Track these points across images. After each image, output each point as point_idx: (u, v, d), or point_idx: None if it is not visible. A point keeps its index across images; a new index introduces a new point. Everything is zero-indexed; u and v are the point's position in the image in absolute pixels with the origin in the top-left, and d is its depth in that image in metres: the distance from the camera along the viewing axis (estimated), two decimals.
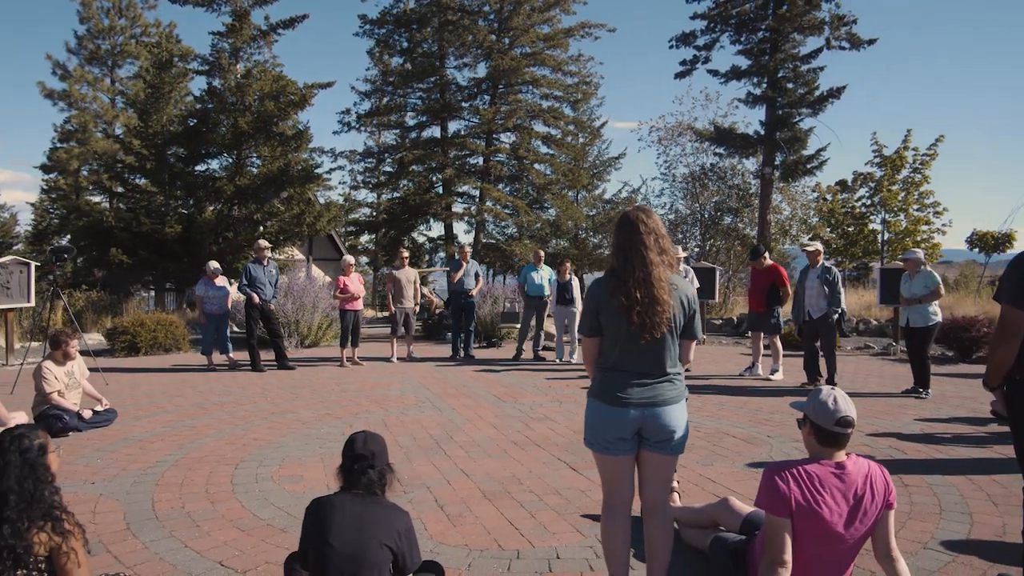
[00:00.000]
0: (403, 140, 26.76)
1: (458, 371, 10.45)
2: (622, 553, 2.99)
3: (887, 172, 24.67)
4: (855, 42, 17.80)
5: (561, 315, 11.58)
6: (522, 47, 24.21)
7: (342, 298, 10.81)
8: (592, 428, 3.01)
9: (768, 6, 18.75)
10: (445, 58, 25.55)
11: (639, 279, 2.87)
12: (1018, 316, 3.05)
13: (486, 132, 24.39)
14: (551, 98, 25.04)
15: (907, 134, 24.40)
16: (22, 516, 2.47)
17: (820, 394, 2.96)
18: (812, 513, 2.79)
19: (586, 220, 26.84)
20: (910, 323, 8.34)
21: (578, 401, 7.95)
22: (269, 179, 16.76)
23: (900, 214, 25.36)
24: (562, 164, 25.15)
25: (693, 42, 19.57)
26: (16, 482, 2.50)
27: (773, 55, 18.59)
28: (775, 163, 18.89)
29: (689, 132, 22.13)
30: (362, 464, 2.74)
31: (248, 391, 8.55)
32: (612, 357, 2.97)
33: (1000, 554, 3.65)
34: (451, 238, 26.11)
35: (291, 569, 2.93)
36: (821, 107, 18.39)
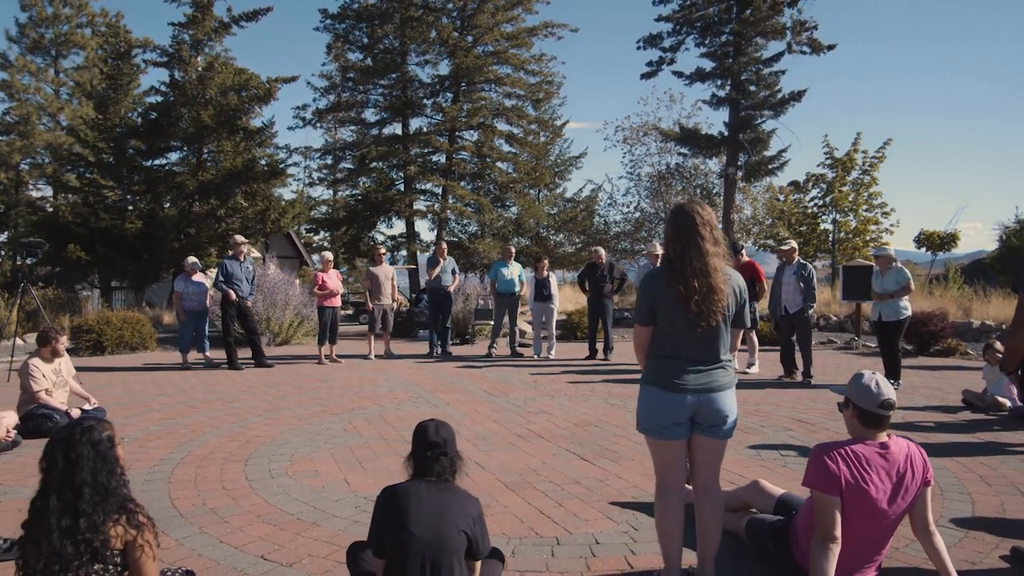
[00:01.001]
0: (364, 137, 26.48)
1: (439, 367, 10.46)
2: (677, 534, 3.09)
3: (838, 174, 25.59)
4: (815, 47, 18.44)
5: (539, 311, 11.69)
6: (485, 45, 24.25)
7: (320, 295, 10.70)
8: (648, 413, 3.09)
9: (732, 10, 19.24)
10: (407, 54, 25.41)
11: (696, 269, 2.96)
12: None
13: (449, 130, 24.34)
14: (514, 97, 25.16)
15: (856, 137, 25.33)
16: (98, 509, 2.42)
17: (862, 379, 3.12)
18: (860, 491, 2.94)
19: (547, 218, 27.03)
20: (882, 317, 8.70)
21: (568, 395, 8.06)
22: (233, 174, 16.39)
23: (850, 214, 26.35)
24: (525, 163, 25.30)
25: (659, 44, 19.95)
26: (90, 474, 2.45)
27: (737, 58, 19.09)
28: (738, 164, 19.41)
29: (654, 132, 22.52)
30: (435, 451, 2.76)
31: (232, 389, 8.39)
32: (668, 345, 3.06)
33: (1007, 529, 3.87)
34: (413, 236, 25.99)
35: (357, 558, 2.95)
36: (782, 109, 18.98)
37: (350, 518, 4.03)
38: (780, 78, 19.22)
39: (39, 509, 2.43)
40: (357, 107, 25.90)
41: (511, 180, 25.42)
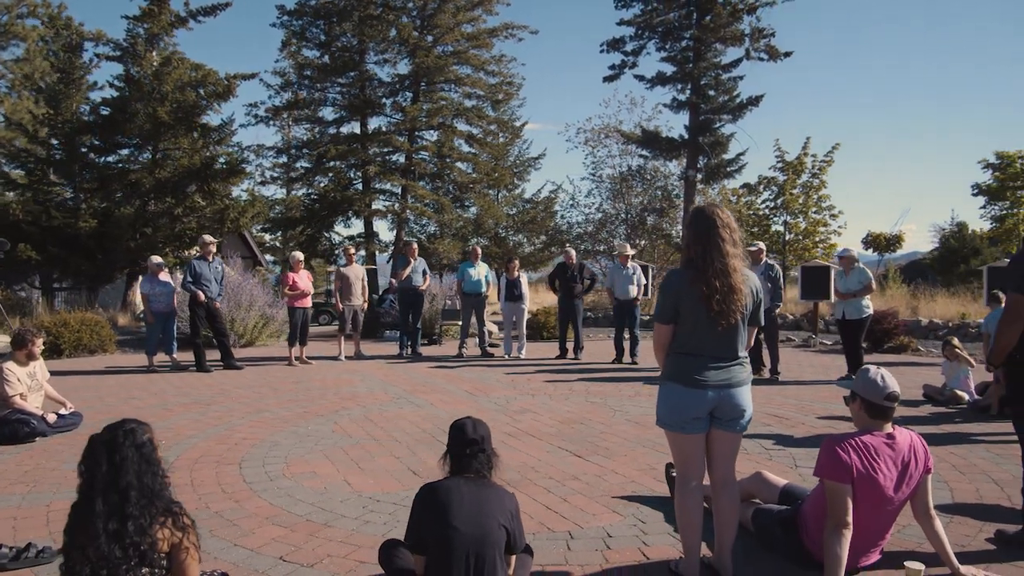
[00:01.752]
0: (321, 135, 26.10)
1: (412, 368, 10.44)
2: (697, 525, 3.20)
3: (789, 177, 26.37)
4: (773, 54, 18.98)
5: (509, 311, 11.77)
6: (445, 45, 24.19)
7: (291, 295, 10.57)
8: (670, 409, 3.20)
9: (692, 16, 19.66)
10: (365, 53, 25.12)
11: (718, 270, 3.09)
12: (1021, 302, 3.49)
13: (409, 129, 24.20)
14: (474, 97, 25.15)
15: (806, 142, 26.13)
16: (144, 512, 2.41)
17: (869, 373, 3.30)
18: (870, 479, 3.11)
19: (507, 219, 27.14)
20: (846, 316, 9.05)
21: (548, 394, 8.16)
22: (192, 172, 15.99)
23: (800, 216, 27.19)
24: (485, 163, 25.34)
25: (622, 48, 20.24)
26: (135, 477, 2.43)
27: (697, 63, 19.52)
28: (698, 166, 19.85)
29: (616, 135, 22.84)
30: (474, 448, 2.83)
31: (206, 392, 8.23)
32: (689, 342, 3.17)
33: (987, 514, 4.12)
34: (372, 235, 25.74)
35: (392, 556, 2.97)
36: (741, 114, 19.49)
37: (360, 518, 4.04)
38: (739, 83, 19.78)
39: (83, 514, 2.40)
40: (315, 105, 25.50)
41: (471, 180, 25.43)
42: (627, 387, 8.67)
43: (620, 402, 7.64)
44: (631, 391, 8.38)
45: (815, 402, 7.68)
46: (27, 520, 4.00)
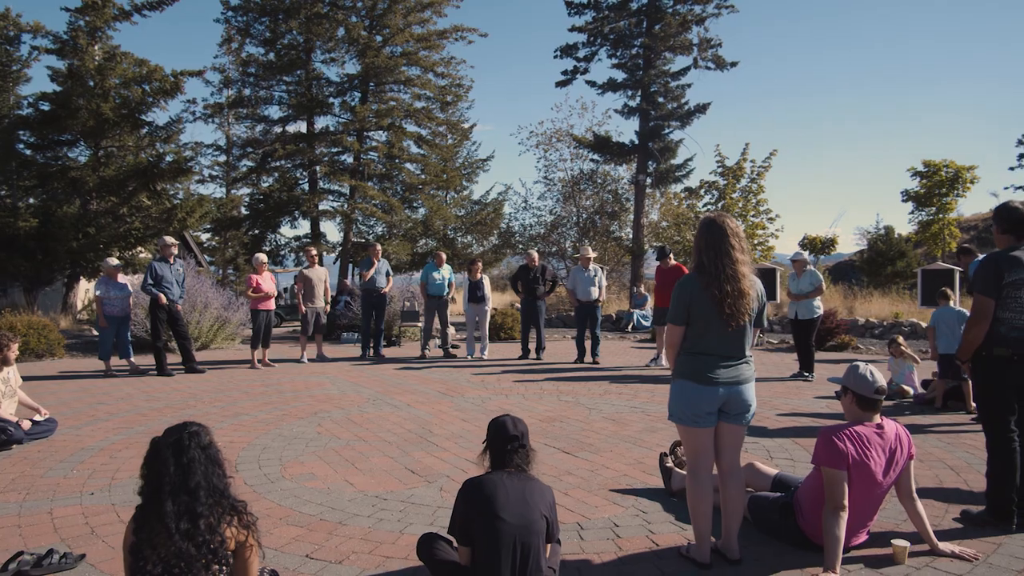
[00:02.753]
0: (266, 134, 25.64)
1: (378, 370, 10.47)
2: (708, 512, 3.44)
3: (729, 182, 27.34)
4: (720, 63, 19.68)
5: (472, 312, 11.91)
6: (394, 46, 24.11)
7: (255, 297, 10.46)
8: (683, 404, 3.43)
9: (642, 24, 20.19)
10: (312, 51, 24.82)
11: (728, 275, 3.34)
12: (987, 303, 3.88)
13: (358, 129, 24.02)
14: (423, 98, 25.13)
15: (745, 148, 27.12)
16: (213, 511, 2.48)
17: (858, 369, 3.61)
18: (863, 465, 3.42)
19: (455, 220, 27.22)
20: (798, 316, 9.57)
21: (521, 394, 8.36)
22: (138, 171, 15.48)
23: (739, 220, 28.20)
24: (434, 165, 25.36)
25: (574, 54, 20.61)
26: (203, 477, 2.50)
27: (647, 71, 20.05)
28: (648, 171, 20.38)
29: (568, 138, 23.19)
30: (514, 444, 2.99)
31: (176, 396, 8.10)
32: (701, 343, 3.42)
33: (950, 497, 4.51)
34: (319, 236, 25.42)
35: (433, 549, 3.12)
36: (689, 121, 20.12)
37: (373, 516, 4.14)
38: (687, 91, 20.41)
39: (151, 514, 2.45)
40: (259, 103, 25.03)
41: (421, 181, 25.40)
42: (595, 386, 8.94)
43: (592, 401, 7.90)
44: (600, 390, 8.65)
45: (774, 398, 8.11)
46: (32, 528, 3.95)
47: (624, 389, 8.72)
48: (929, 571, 3.39)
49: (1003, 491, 3.90)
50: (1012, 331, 3.88)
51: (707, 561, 3.43)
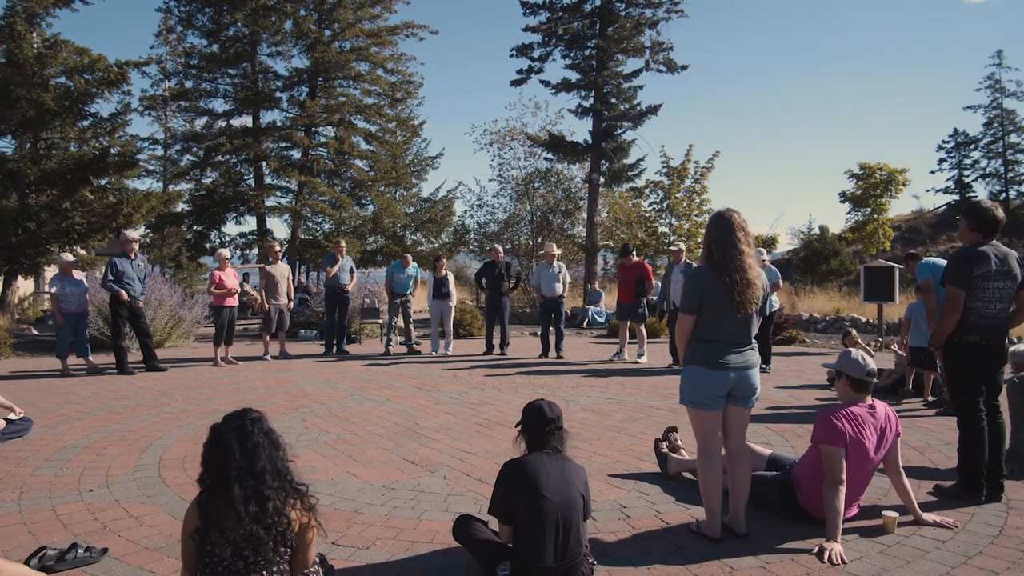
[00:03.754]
0: (209, 128, 24.98)
1: (345, 366, 10.43)
2: (719, 490, 3.66)
3: (674, 182, 28.06)
4: (671, 66, 20.20)
5: (437, 308, 11.96)
6: (343, 41, 23.85)
7: (217, 294, 10.27)
8: (696, 388, 3.64)
9: (596, 26, 20.54)
10: (259, 44, 24.31)
11: (736, 266, 3.56)
12: (959, 293, 4.22)
13: (306, 125, 23.66)
14: (373, 94, 24.94)
15: (688, 149, 27.92)
16: (279, 494, 2.54)
17: (851, 355, 3.90)
18: (858, 443, 3.70)
19: (405, 217, 27.12)
20: None
21: (496, 388, 8.49)
22: (83, 164, 14.89)
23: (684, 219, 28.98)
24: (384, 161, 25.20)
25: (529, 54, 20.81)
26: (268, 462, 2.56)
27: (600, 72, 20.41)
28: (601, 170, 20.76)
29: (522, 137, 23.40)
30: (551, 427, 3.14)
31: (145, 394, 7.92)
32: (712, 331, 3.63)
33: (919, 474, 4.87)
34: (265, 233, 24.95)
35: (470, 529, 3.24)
36: (641, 121, 20.59)
37: (386, 505, 4.22)
38: (639, 93, 20.88)
39: (218, 499, 2.49)
40: (204, 96, 24.36)
41: (370, 178, 25.20)
42: (567, 379, 9.15)
43: (568, 393, 8.10)
44: (572, 383, 8.86)
45: None
46: (40, 525, 3.88)
47: (596, 382, 8.95)
48: (917, 539, 3.70)
49: (973, 466, 4.26)
50: (980, 319, 4.24)
51: (718, 536, 3.65)
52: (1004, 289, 4.24)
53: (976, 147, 50.63)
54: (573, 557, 2.94)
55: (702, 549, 3.56)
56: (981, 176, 50.81)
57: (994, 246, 4.28)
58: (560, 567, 2.90)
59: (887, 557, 3.47)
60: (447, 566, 3.37)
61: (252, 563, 2.47)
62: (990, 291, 4.22)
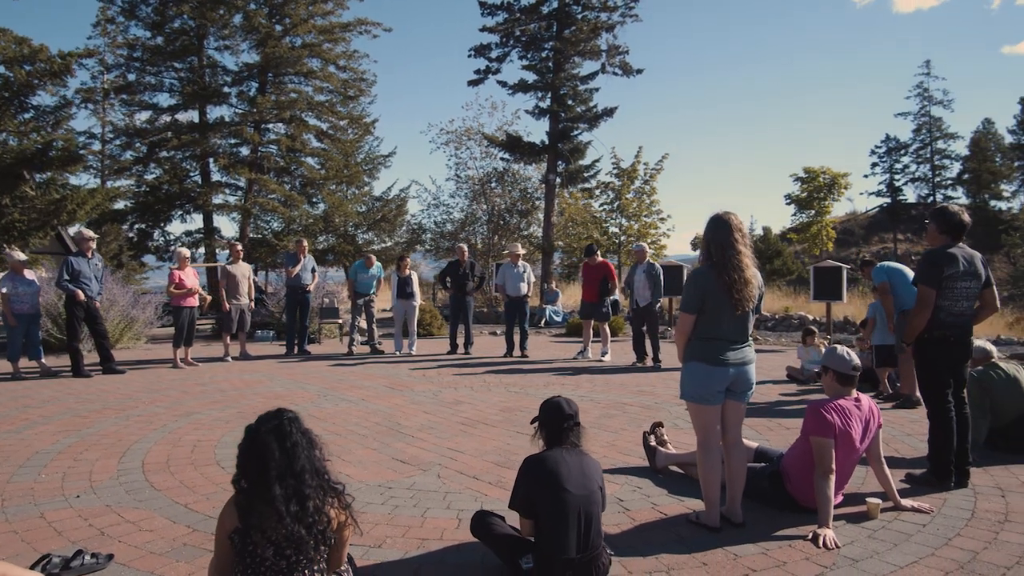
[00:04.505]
0: (153, 123, 24.21)
1: (311, 367, 10.30)
2: (718, 482, 3.82)
3: (624, 183, 28.54)
4: (626, 70, 20.53)
5: (401, 308, 11.92)
6: (295, 37, 23.44)
7: (177, 294, 10.01)
8: (697, 384, 3.78)
9: (553, 27, 20.73)
10: (206, 37, 23.68)
11: (735, 265, 3.72)
12: (930, 293, 4.49)
13: (256, 121, 23.17)
14: (325, 91, 24.59)
15: (638, 151, 28.37)
16: (318, 493, 2.56)
17: (836, 351, 4.11)
18: (846, 434, 3.91)
19: (356, 216, 26.81)
20: None
21: (468, 387, 8.54)
22: (23, 158, 14.24)
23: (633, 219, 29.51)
24: (336, 159, 24.87)
25: (487, 54, 20.84)
26: (307, 460, 2.58)
27: (557, 73, 20.61)
28: (558, 171, 20.95)
29: (479, 137, 23.41)
30: (570, 423, 3.23)
31: (108, 397, 7.67)
32: (713, 329, 3.78)
33: (888, 463, 5.14)
34: (212, 231, 24.34)
35: (488, 524, 3.31)
36: (597, 123, 20.87)
37: (388, 504, 4.24)
38: (594, 95, 21.15)
39: (257, 499, 2.49)
40: (148, 90, 23.58)
41: (321, 176, 24.83)
42: (536, 378, 9.26)
43: (540, 391, 8.20)
44: (542, 382, 8.97)
45: None
46: (32, 532, 3.76)
47: (565, 380, 9.09)
48: (899, 523, 3.93)
49: (943, 454, 4.54)
50: (949, 317, 4.52)
51: (717, 525, 3.81)
52: (970, 288, 4.53)
53: (906, 152, 53.05)
54: (593, 548, 3.03)
55: (704, 538, 3.71)
56: (911, 180, 53.31)
57: (961, 248, 4.57)
58: (582, 559, 2.99)
59: (875, 541, 3.68)
60: (462, 562, 3.42)
61: (294, 562, 2.48)
62: (958, 290, 4.50)
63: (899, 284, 7.28)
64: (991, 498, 4.36)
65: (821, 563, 3.39)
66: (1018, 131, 51.73)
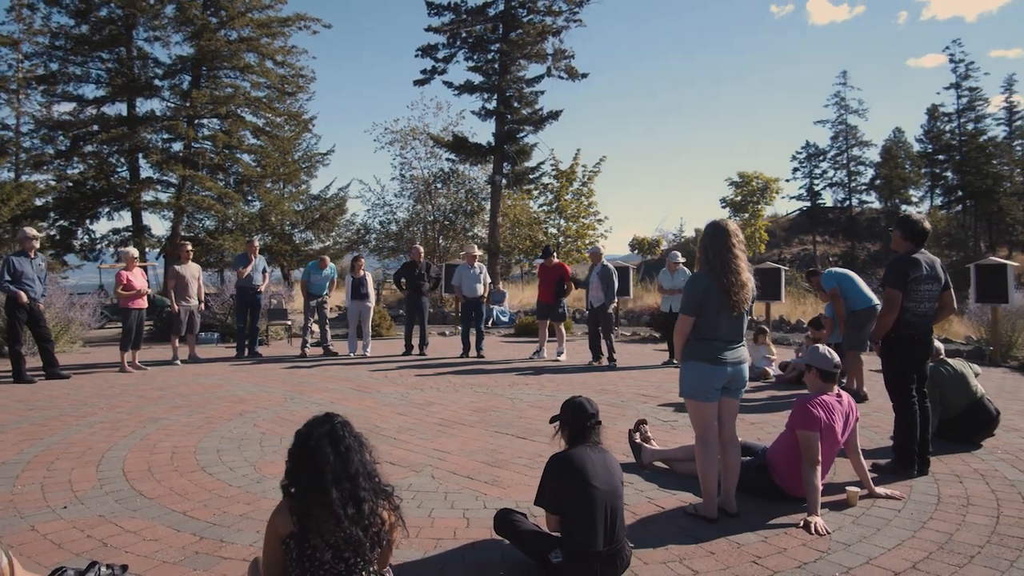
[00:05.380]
0: (77, 115, 23.09)
1: (266, 369, 10.10)
2: (715, 474, 4.02)
3: (563, 184, 28.93)
4: (572, 74, 20.84)
5: (355, 309, 11.81)
6: (231, 30, 22.80)
7: (125, 295, 9.65)
8: (696, 382, 3.98)
9: (498, 30, 20.84)
10: (135, 28, 22.78)
11: (732, 269, 3.94)
12: (897, 295, 4.84)
13: (189, 116, 22.41)
14: (262, 87, 24.00)
15: (576, 153, 28.87)
16: (371, 495, 2.60)
17: (819, 350, 4.39)
18: (830, 427, 4.18)
19: (294, 215, 26.28)
20: (672, 309, 10.66)
21: (435, 388, 8.57)
22: None
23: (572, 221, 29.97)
24: (274, 157, 24.31)
25: (434, 54, 20.76)
26: (360, 464, 2.61)
27: (503, 75, 20.74)
28: (504, 172, 21.09)
29: (424, 136, 23.29)
30: (592, 421, 3.36)
31: (59, 403, 7.34)
32: (711, 330, 3.98)
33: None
34: (142, 229, 23.41)
35: (512, 522, 3.41)
36: (542, 126, 21.11)
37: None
38: (539, 98, 21.41)
39: (313, 503, 2.51)
40: (72, 81, 22.47)
41: (259, 175, 24.22)
42: (499, 378, 9.35)
43: (507, 391, 8.32)
44: (507, 382, 9.08)
45: (665, 383, 9.02)
46: (28, 545, 3.63)
47: (529, 380, 9.23)
48: (876, 509, 4.23)
49: (908, 444, 4.89)
50: (914, 317, 4.88)
51: (715, 516, 4.01)
52: (932, 291, 4.90)
53: (824, 158, 55.66)
54: (618, 541, 3.18)
55: (705, 529, 3.91)
56: (829, 185, 55.99)
57: (923, 254, 4.94)
58: (608, 551, 3.13)
59: (859, 526, 3.96)
60: (483, 560, 3.50)
61: (352, 564, 2.52)
62: (921, 293, 4.87)
63: (848, 288, 7.75)
64: (951, 484, 4.73)
65: (818, 548, 3.63)
66: (924, 140, 55.09)
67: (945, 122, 52.29)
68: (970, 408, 5.72)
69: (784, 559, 3.50)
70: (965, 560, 3.49)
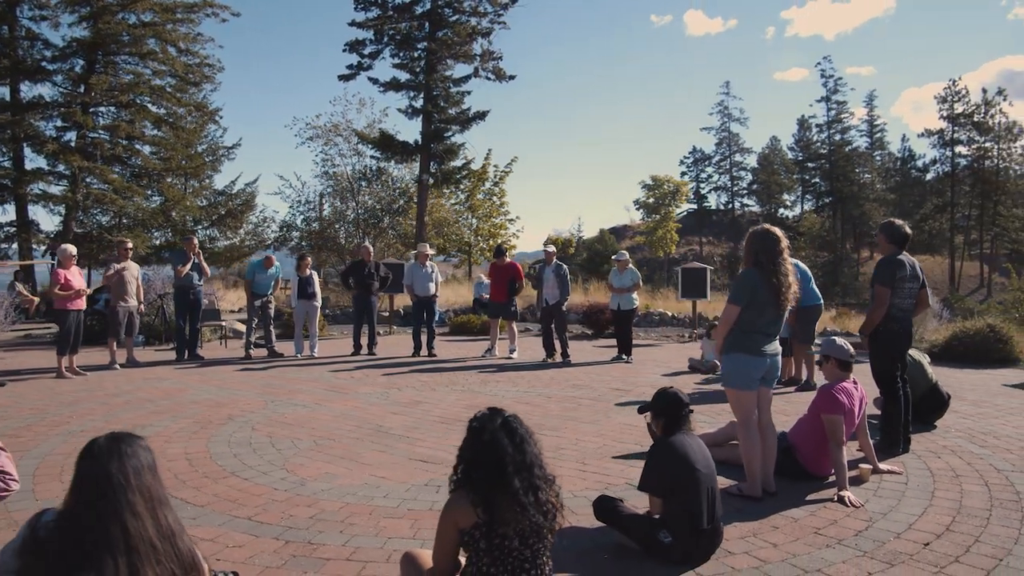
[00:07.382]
0: None
1: (218, 372, 9.72)
2: (759, 455, 4.38)
3: (475, 183, 29.19)
4: (499, 75, 20.99)
5: (302, 309, 11.54)
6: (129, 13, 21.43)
7: (62, 296, 9.00)
8: (741, 373, 4.32)
9: (424, 28, 20.72)
10: (18, 5, 20.97)
11: (781, 271, 4.32)
12: (886, 292, 5.42)
13: (84, 103, 20.88)
14: (164, 75, 22.69)
15: (488, 153, 29.23)
16: (544, 483, 2.72)
17: (836, 342, 4.86)
18: (851, 412, 4.66)
19: (198, 211, 25.03)
20: (620, 307, 11.12)
21: (413, 387, 8.58)
22: None
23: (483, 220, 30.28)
24: (178, 149, 23.04)
25: (360, 50, 20.32)
26: (533, 454, 2.72)
27: (429, 74, 20.64)
28: (431, 171, 21.00)
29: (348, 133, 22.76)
30: (686, 410, 3.61)
31: (12, 411, 6.82)
32: (755, 324, 4.34)
33: None
34: (28, 224, 21.61)
35: (615, 507, 3.61)
36: (469, 125, 21.17)
37: (425, 500, 4.34)
38: (465, 98, 21.48)
39: (496, 492, 2.60)
40: None
41: (159, 168, 22.88)
42: (468, 376, 9.45)
43: (484, 388, 8.46)
44: (478, 380, 9.19)
45: (627, 376, 9.44)
46: None
47: (498, 377, 9.40)
48: (887, 483, 4.74)
49: (894, 425, 5.49)
50: (899, 312, 5.48)
51: (760, 495, 4.38)
52: (913, 289, 5.52)
53: (710, 163, 59.01)
54: (718, 519, 3.46)
55: (756, 507, 4.25)
56: (714, 189, 59.43)
57: (905, 255, 5.55)
58: (711, 528, 3.40)
59: (881, 498, 4.44)
60: (573, 546, 3.67)
61: (536, 550, 2.64)
62: (905, 290, 5.47)
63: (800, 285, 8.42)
64: (933, 459, 5.35)
65: (861, 518, 4.06)
66: (796, 148, 59.58)
67: (815, 132, 56.81)
68: (928, 393, 6.43)
69: (840, 529, 3.90)
70: (984, 522, 4.02)
